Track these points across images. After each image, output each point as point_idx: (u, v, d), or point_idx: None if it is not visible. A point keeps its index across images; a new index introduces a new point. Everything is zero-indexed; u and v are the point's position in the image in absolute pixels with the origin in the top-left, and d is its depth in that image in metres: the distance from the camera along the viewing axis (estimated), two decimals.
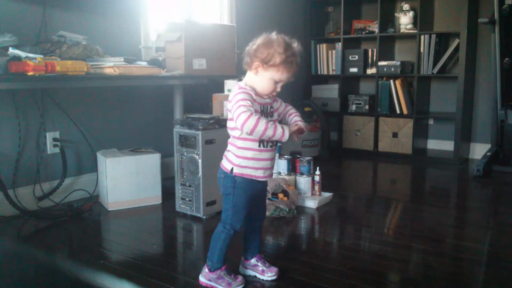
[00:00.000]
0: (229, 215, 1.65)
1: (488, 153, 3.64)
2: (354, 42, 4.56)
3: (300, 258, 1.96)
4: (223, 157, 1.68)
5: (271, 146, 1.63)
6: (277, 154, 2.83)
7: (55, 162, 2.71)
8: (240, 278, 1.71)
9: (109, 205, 2.62)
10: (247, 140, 1.59)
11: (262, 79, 1.57)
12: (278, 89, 1.59)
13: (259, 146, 1.59)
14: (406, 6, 4.15)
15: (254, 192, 1.67)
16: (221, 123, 2.54)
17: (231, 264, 1.75)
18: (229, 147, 1.65)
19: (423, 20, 4.03)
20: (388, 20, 4.28)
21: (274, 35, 1.56)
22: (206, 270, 1.70)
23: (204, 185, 2.45)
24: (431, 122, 4.40)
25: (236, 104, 1.52)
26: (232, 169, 1.62)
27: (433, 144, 4.40)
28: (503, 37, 3.43)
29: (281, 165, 2.81)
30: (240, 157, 1.61)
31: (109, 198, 2.61)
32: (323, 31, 4.78)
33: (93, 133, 2.89)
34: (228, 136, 1.66)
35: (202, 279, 1.71)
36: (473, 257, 2.01)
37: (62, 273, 1.88)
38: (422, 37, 4.01)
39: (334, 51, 4.53)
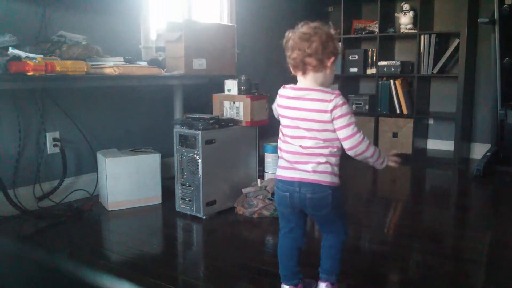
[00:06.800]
0: (344, 223, 1.62)
1: (488, 153, 3.63)
2: (354, 42, 4.56)
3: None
4: (318, 173, 1.44)
5: None
6: (276, 154, 2.83)
7: (55, 162, 2.71)
8: None
9: (109, 205, 2.62)
10: (339, 151, 1.48)
11: (331, 71, 1.43)
12: None
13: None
14: (406, 6, 4.15)
15: None
16: (221, 123, 2.54)
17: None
18: (327, 158, 1.44)
19: (423, 20, 4.02)
20: (388, 20, 4.28)
21: (316, 26, 1.38)
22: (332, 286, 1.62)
23: (204, 185, 2.44)
24: (431, 122, 4.40)
25: (348, 118, 1.38)
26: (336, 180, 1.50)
27: (433, 144, 4.40)
28: (503, 37, 3.43)
29: None
30: (338, 167, 1.50)
31: (109, 198, 2.61)
32: None
33: (93, 133, 2.89)
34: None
35: None
36: (473, 257, 2.02)
37: (62, 273, 1.88)
38: (422, 37, 4.01)
39: None
